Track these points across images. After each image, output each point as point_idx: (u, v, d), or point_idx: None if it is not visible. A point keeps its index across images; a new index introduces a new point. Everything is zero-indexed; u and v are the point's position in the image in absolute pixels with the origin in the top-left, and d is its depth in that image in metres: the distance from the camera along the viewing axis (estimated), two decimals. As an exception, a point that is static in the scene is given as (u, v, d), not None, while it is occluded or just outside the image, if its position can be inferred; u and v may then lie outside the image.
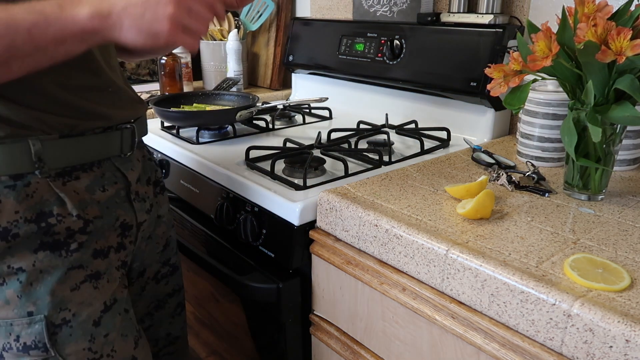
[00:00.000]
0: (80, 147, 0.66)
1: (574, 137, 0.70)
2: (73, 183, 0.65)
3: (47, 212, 0.63)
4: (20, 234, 0.62)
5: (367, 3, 1.34)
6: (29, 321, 0.63)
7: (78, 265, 0.66)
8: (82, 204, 0.66)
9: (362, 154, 0.99)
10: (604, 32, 0.63)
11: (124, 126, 0.71)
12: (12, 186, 0.61)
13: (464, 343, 0.63)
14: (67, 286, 0.65)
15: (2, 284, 0.62)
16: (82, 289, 0.66)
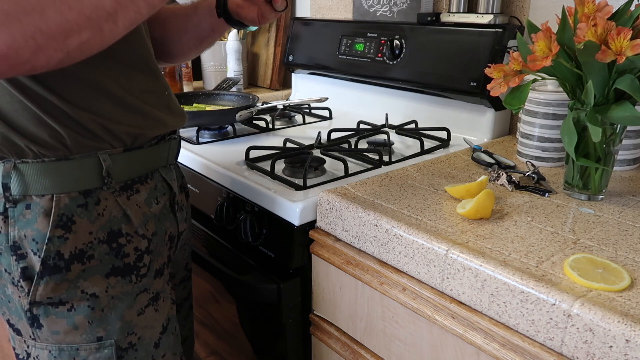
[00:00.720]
0: (141, 159, 0.65)
1: (574, 137, 0.70)
2: (135, 197, 0.65)
3: (116, 231, 0.62)
4: (95, 255, 0.61)
5: (367, 3, 1.34)
6: (98, 346, 0.63)
7: (144, 290, 0.66)
8: (144, 218, 0.65)
9: (362, 154, 0.99)
10: (604, 32, 0.63)
11: (173, 137, 0.72)
12: (84, 205, 0.60)
13: (464, 343, 0.63)
14: (134, 311, 0.65)
15: (70, 309, 0.61)
16: (147, 312, 0.66)
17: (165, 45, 0.82)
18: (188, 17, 0.80)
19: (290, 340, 0.88)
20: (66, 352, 0.62)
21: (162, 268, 0.69)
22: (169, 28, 0.81)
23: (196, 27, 0.80)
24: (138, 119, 0.64)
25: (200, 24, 0.79)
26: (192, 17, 0.79)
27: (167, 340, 0.70)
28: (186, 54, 0.85)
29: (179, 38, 0.82)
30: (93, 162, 0.60)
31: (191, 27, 0.80)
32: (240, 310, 0.97)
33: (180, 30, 0.81)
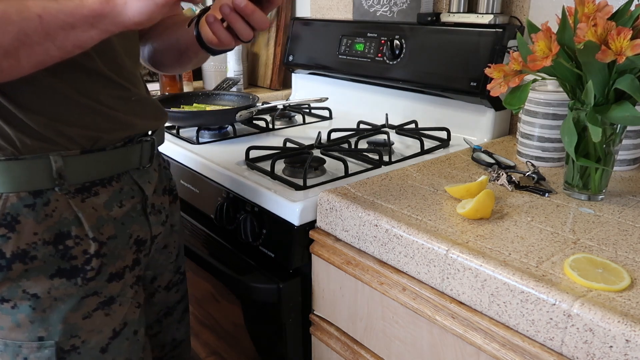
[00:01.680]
0: (101, 161, 0.64)
1: (574, 137, 0.70)
2: (92, 199, 0.64)
3: (65, 233, 0.61)
4: (38, 256, 0.60)
5: (367, 3, 1.34)
6: (39, 345, 0.62)
7: (92, 293, 0.65)
8: (99, 221, 0.64)
9: (362, 154, 0.99)
10: (604, 32, 0.63)
11: (145, 139, 0.70)
12: (32, 205, 0.59)
13: (464, 343, 0.63)
14: (79, 314, 0.64)
15: (14, 307, 0.61)
16: (94, 316, 0.66)
17: (155, 56, 0.82)
18: (176, 29, 0.78)
19: (290, 340, 0.88)
20: (10, 347, 0.62)
21: (122, 272, 0.68)
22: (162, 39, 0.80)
23: (178, 41, 0.78)
24: (97, 122, 0.63)
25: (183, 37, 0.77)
26: (180, 28, 0.77)
27: (119, 346, 0.69)
28: (170, 66, 0.84)
29: (165, 50, 0.81)
30: (43, 163, 0.59)
31: (174, 40, 0.78)
32: (245, 311, 0.97)
33: (166, 42, 0.80)
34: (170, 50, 0.80)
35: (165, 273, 0.81)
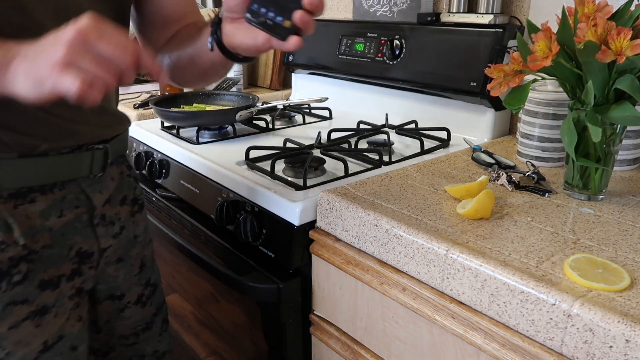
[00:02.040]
0: (41, 167, 0.61)
1: (574, 137, 0.70)
2: (26, 206, 0.60)
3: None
4: None
5: (367, 3, 1.34)
6: None
7: (22, 300, 0.61)
8: (32, 230, 0.61)
9: (362, 154, 0.99)
10: (604, 32, 0.63)
11: (96, 147, 0.66)
12: None
13: (464, 343, 0.63)
14: (5, 323, 0.60)
15: None
16: (22, 327, 0.61)
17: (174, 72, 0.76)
18: (192, 42, 0.71)
19: (290, 340, 0.88)
20: None
21: (57, 280, 0.64)
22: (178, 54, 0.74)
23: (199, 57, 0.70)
24: (38, 129, 0.60)
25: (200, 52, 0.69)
26: (196, 42, 0.70)
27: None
28: (193, 82, 0.80)
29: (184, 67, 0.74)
30: None
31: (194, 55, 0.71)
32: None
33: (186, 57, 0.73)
34: (190, 66, 0.73)
35: (133, 288, 0.78)
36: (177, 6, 0.77)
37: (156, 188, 1.17)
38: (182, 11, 0.77)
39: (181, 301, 1.24)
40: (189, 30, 0.75)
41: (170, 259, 1.20)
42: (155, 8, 0.75)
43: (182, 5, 0.77)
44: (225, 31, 0.63)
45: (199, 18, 0.80)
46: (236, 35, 0.61)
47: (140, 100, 1.47)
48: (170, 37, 0.77)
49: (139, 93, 1.59)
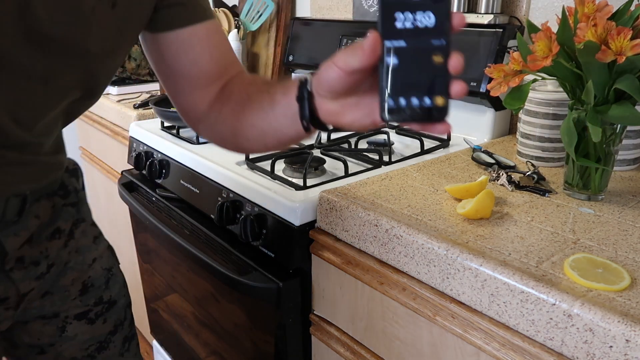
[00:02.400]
0: None
1: (574, 137, 0.70)
2: None
3: None
4: None
5: (367, 3, 1.33)
6: None
7: None
8: None
9: (362, 154, 0.99)
10: (604, 32, 0.63)
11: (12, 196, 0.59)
12: None
13: (464, 343, 0.63)
14: None
15: None
16: None
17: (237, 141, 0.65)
18: (263, 113, 0.59)
19: (290, 340, 0.88)
20: None
21: None
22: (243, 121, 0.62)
23: (275, 130, 0.59)
24: None
25: (280, 127, 0.58)
26: (269, 113, 0.59)
27: None
28: (262, 150, 0.71)
29: (254, 137, 0.62)
30: None
31: (269, 129, 0.60)
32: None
33: (255, 128, 0.61)
34: (261, 140, 0.62)
35: (71, 309, 0.71)
36: (215, 56, 0.65)
37: (156, 188, 1.17)
38: (223, 62, 0.67)
39: (181, 301, 1.24)
40: (245, 90, 0.64)
41: (170, 259, 1.20)
42: (188, 63, 0.64)
43: (221, 54, 0.66)
44: (324, 108, 0.51)
45: (241, 68, 0.70)
46: (346, 115, 0.50)
47: (140, 100, 1.47)
48: (217, 97, 0.66)
49: (139, 93, 1.59)
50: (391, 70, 0.42)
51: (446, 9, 0.41)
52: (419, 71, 0.42)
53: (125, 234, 1.59)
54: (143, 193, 1.22)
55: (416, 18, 0.41)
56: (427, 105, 0.42)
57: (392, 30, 0.42)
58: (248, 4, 1.64)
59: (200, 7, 0.64)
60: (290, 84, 0.56)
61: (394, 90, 0.42)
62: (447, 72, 0.42)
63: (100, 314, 0.74)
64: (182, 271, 1.17)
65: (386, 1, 0.41)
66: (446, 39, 0.41)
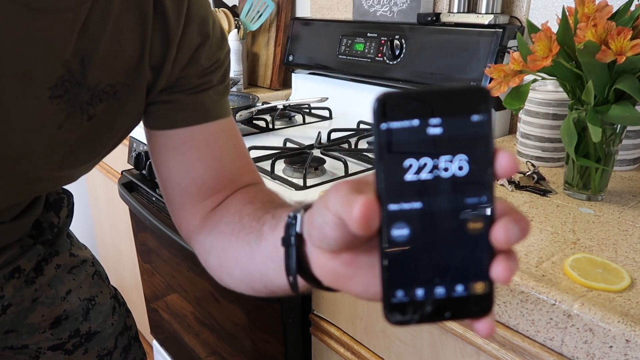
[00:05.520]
0: None
1: (574, 137, 0.70)
2: None
3: None
4: None
5: (367, 3, 1.34)
6: None
7: None
8: None
9: (362, 154, 0.99)
10: (604, 32, 0.63)
11: None
12: None
13: (464, 343, 0.63)
14: None
15: None
16: None
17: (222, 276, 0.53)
18: (249, 248, 0.46)
19: (290, 340, 0.88)
20: None
21: None
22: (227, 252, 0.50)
23: (262, 275, 0.45)
24: None
25: (267, 272, 0.44)
26: (254, 250, 0.45)
27: None
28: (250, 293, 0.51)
29: (238, 276, 0.49)
30: None
31: (254, 271, 0.46)
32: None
33: (239, 265, 0.48)
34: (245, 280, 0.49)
35: (42, 342, 0.66)
36: (214, 167, 0.53)
37: (156, 188, 1.17)
38: (227, 174, 0.54)
39: (181, 301, 1.24)
40: (239, 210, 0.51)
41: (170, 259, 1.20)
42: (178, 173, 0.53)
43: (221, 164, 0.54)
44: (320, 264, 0.34)
45: (254, 180, 0.57)
46: (354, 280, 0.32)
47: (140, 100, 1.47)
48: (214, 212, 0.54)
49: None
50: (401, 249, 0.27)
51: (487, 145, 0.26)
52: (445, 246, 0.27)
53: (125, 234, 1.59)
54: (143, 193, 1.22)
55: (438, 165, 0.26)
56: (460, 295, 0.27)
57: (399, 187, 0.26)
58: (248, 4, 1.64)
59: (201, 106, 0.53)
60: (281, 214, 0.43)
61: (402, 278, 0.27)
62: (489, 244, 0.27)
63: (79, 345, 0.68)
64: (182, 271, 1.17)
65: (387, 142, 0.26)
66: (489, 196, 0.26)
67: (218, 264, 0.51)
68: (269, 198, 0.52)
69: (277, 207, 0.47)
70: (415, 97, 0.26)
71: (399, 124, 0.25)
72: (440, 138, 0.26)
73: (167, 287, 1.29)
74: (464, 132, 0.26)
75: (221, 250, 0.50)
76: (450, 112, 0.26)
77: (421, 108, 0.25)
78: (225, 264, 0.50)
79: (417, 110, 0.25)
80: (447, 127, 0.26)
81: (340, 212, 0.27)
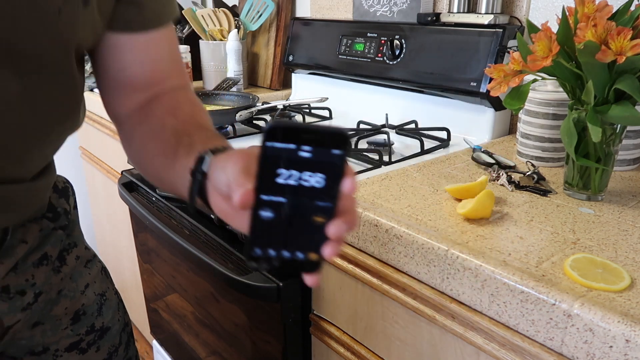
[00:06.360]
0: None
1: (574, 137, 0.70)
2: None
3: None
4: None
5: (367, 3, 1.34)
6: None
7: None
8: None
9: (362, 154, 0.99)
10: (604, 32, 0.63)
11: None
12: None
13: (464, 343, 0.63)
14: None
15: None
16: None
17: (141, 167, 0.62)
18: (164, 159, 0.55)
19: (290, 340, 0.88)
20: None
21: None
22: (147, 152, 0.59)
23: (170, 183, 0.56)
24: None
25: (175, 184, 0.54)
26: (168, 164, 0.55)
27: None
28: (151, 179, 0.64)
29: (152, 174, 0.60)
30: None
31: (165, 177, 0.57)
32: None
33: (153, 167, 0.58)
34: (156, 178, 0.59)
35: (62, 340, 0.66)
36: (148, 67, 0.60)
37: (156, 188, 1.17)
38: (157, 74, 0.61)
39: (181, 301, 1.24)
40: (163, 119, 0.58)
41: (170, 259, 1.20)
42: (115, 69, 0.59)
43: (156, 66, 0.61)
44: (215, 200, 0.46)
45: (180, 83, 0.64)
46: (235, 220, 0.44)
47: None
48: (139, 109, 0.61)
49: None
50: (263, 222, 0.38)
51: (339, 172, 0.38)
52: (297, 227, 0.39)
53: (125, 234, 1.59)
54: (143, 193, 1.22)
55: (302, 177, 0.37)
56: (299, 259, 0.39)
57: (271, 186, 0.37)
58: (248, 4, 1.64)
59: (152, 13, 0.58)
60: (197, 144, 0.51)
61: (262, 241, 0.39)
62: (325, 232, 0.38)
63: (93, 343, 0.70)
64: (182, 271, 1.17)
65: (269, 153, 0.36)
66: (333, 203, 0.38)
67: (137, 157, 0.61)
68: (191, 113, 0.60)
69: (194, 131, 0.55)
70: (297, 130, 0.36)
71: (280, 145, 0.36)
72: (307, 160, 0.37)
73: (167, 287, 1.29)
74: (325, 159, 0.37)
75: (142, 147, 0.58)
76: (318, 144, 0.37)
77: (298, 138, 0.36)
78: (143, 161, 0.60)
79: (295, 139, 0.36)
80: (314, 154, 0.37)
81: (229, 188, 0.40)
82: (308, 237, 0.39)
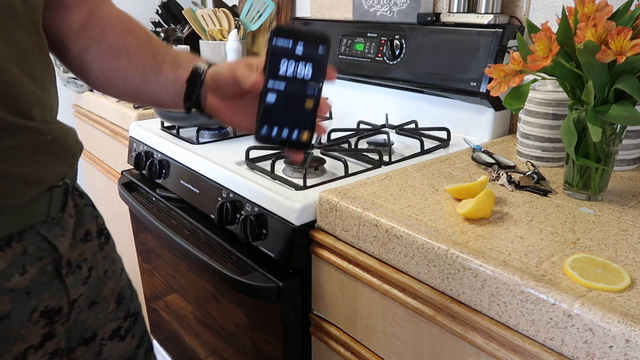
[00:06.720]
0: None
1: (574, 137, 0.70)
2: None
3: None
4: None
5: (367, 3, 1.34)
6: None
7: None
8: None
9: (362, 154, 0.99)
10: (604, 32, 0.63)
11: (56, 185, 0.55)
12: None
13: (464, 343, 0.63)
14: None
15: None
16: None
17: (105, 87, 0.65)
18: (144, 75, 0.62)
19: (290, 340, 0.88)
20: None
21: (23, 356, 0.55)
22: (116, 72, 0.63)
23: (153, 96, 0.63)
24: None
25: (159, 95, 0.62)
26: (151, 79, 0.61)
27: None
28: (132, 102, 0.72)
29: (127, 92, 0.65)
30: None
31: (146, 91, 0.63)
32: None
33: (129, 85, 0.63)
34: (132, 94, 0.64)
35: (107, 324, 0.69)
36: None
37: (156, 188, 1.17)
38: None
39: (181, 301, 1.24)
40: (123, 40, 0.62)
41: (170, 259, 1.20)
42: None
43: None
44: (210, 100, 0.59)
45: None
46: (227, 115, 0.59)
47: (140, 100, 1.47)
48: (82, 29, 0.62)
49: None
50: (269, 105, 0.51)
51: (323, 65, 0.51)
52: (293, 110, 0.52)
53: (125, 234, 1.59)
54: (143, 193, 1.22)
55: (297, 68, 0.51)
56: (294, 138, 0.53)
57: (276, 73, 0.50)
58: (248, 4, 1.64)
59: None
60: (181, 60, 0.61)
61: (268, 121, 0.52)
62: (315, 115, 0.52)
63: (129, 329, 0.73)
64: (182, 271, 1.17)
65: (275, 48, 0.50)
66: (318, 90, 0.52)
67: (102, 77, 0.63)
68: (145, 37, 0.64)
69: (167, 51, 0.63)
70: (294, 32, 0.50)
71: (282, 41, 0.50)
72: (301, 54, 0.50)
73: (167, 287, 1.29)
74: (314, 54, 0.50)
75: (107, 67, 0.62)
76: (308, 43, 0.50)
77: (295, 37, 0.50)
78: (112, 79, 0.63)
79: (292, 37, 0.50)
80: (305, 49, 0.50)
81: (242, 77, 0.52)
82: (301, 119, 0.52)
